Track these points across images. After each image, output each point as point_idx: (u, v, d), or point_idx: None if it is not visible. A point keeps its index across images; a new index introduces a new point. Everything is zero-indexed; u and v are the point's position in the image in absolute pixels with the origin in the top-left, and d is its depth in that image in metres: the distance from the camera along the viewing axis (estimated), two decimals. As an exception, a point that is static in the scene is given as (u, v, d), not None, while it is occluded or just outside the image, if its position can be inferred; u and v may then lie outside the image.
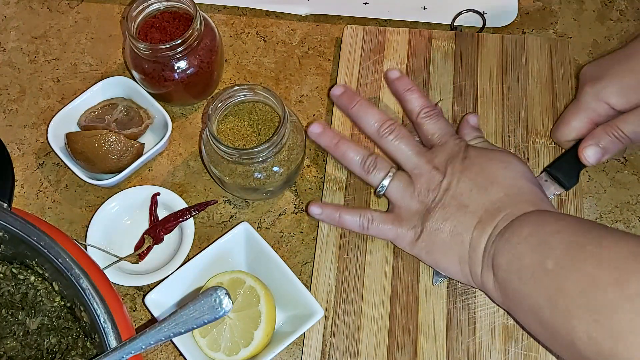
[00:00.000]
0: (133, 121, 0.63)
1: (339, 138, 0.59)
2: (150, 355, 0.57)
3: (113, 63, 0.70)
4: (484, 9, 0.70)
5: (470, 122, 0.61)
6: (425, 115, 0.59)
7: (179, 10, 0.62)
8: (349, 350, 0.55)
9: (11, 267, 0.48)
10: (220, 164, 0.56)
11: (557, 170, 0.59)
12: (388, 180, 0.57)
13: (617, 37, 0.70)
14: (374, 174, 0.57)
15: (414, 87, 0.61)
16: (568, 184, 0.59)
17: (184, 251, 0.58)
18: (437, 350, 0.55)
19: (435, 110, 0.59)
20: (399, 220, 0.56)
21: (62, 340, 0.47)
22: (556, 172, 0.59)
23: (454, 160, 0.56)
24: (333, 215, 0.58)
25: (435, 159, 0.56)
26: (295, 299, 0.54)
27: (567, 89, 0.65)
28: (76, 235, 0.61)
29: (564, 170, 0.59)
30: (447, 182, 0.55)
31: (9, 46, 0.71)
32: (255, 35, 0.71)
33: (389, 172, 0.57)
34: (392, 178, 0.57)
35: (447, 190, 0.55)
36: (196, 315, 0.41)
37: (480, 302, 0.56)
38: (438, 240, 0.54)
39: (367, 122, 0.59)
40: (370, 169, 0.57)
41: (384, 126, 0.58)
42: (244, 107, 0.58)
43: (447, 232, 0.54)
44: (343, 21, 0.72)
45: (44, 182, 0.64)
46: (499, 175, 0.54)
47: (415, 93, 0.60)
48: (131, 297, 0.59)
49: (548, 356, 0.54)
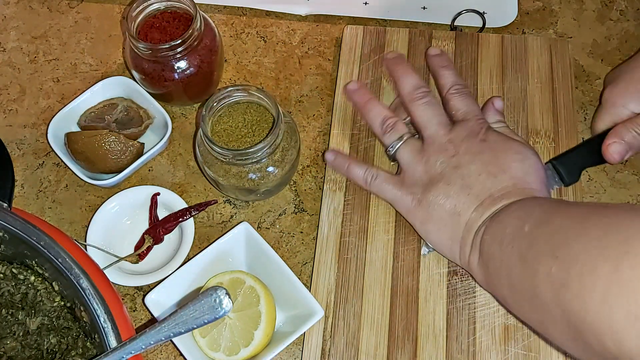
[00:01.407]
0: (133, 121, 0.63)
1: (370, 97, 0.62)
2: (150, 355, 0.57)
3: (113, 63, 0.70)
4: (484, 9, 0.70)
5: (495, 106, 0.61)
6: (455, 91, 0.60)
7: (179, 10, 0.62)
8: (349, 350, 0.55)
9: (11, 267, 0.48)
10: (215, 165, 0.56)
11: (560, 164, 0.59)
12: (400, 142, 0.58)
13: (617, 37, 0.70)
14: (390, 135, 0.59)
15: (450, 65, 0.62)
16: (568, 180, 0.59)
17: (184, 251, 0.58)
18: (437, 350, 0.55)
19: (465, 89, 0.60)
20: (401, 183, 0.57)
21: (62, 340, 0.47)
22: (559, 165, 0.59)
23: (471, 139, 0.56)
24: (343, 164, 0.60)
25: (453, 133, 0.57)
26: (295, 299, 0.54)
27: (567, 89, 0.65)
28: (76, 235, 0.61)
29: (567, 165, 0.59)
30: (457, 160, 0.55)
31: (9, 46, 0.71)
32: (255, 35, 0.71)
33: (404, 135, 0.58)
34: (405, 140, 0.58)
35: (455, 168, 0.55)
36: (196, 315, 0.41)
37: (480, 302, 0.56)
38: (435, 214, 0.55)
39: (405, 82, 0.60)
40: (388, 129, 0.59)
41: (419, 90, 0.59)
42: (238, 108, 0.58)
43: (447, 209, 0.54)
44: (343, 21, 0.72)
45: (44, 182, 0.64)
46: (512, 166, 0.54)
47: (450, 70, 0.62)
48: (131, 297, 0.59)
49: (548, 356, 0.54)
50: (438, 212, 0.54)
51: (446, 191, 0.54)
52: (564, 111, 0.64)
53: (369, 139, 0.63)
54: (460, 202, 0.54)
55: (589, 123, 0.65)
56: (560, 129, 0.63)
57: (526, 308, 0.48)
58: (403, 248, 0.58)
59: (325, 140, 0.65)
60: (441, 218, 0.54)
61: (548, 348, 0.54)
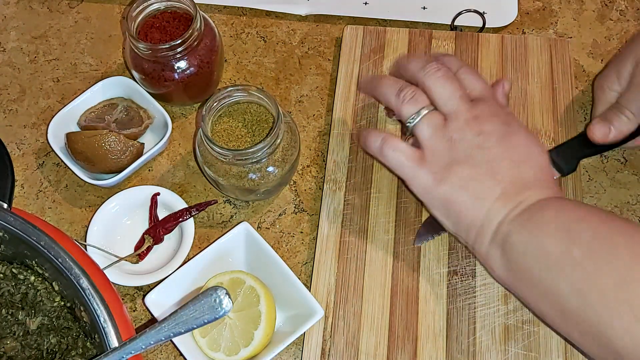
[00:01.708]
0: (133, 121, 0.63)
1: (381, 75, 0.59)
2: (150, 355, 0.57)
3: (113, 63, 0.70)
4: (484, 9, 0.70)
5: (505, 88, 0.58)
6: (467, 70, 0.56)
7: (179, 10, 0.62)
8: (349, 350, 0.55)
9: (11, 267, 0.48)
10: (215, 165, 0.56)
11: (556, 154, 0.59)
12: (421, 116, 0.53)
13: (617, 37, 0.70)
14: (408, 106, 0.54)
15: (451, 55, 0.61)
16: (566, 170, 0.59)
17: (184, 251, 0.58)
18: (437, 350, 0.55)
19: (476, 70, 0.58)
20: (420, 160, 0.53)
21: (62, 340, 0.47)
22: (556, 155, 0.59)
23: (494, 120, 0.53)
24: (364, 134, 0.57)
25: (477, 109, 0.53)
26: (295, 299, 0.54)
27: (567, 89, 0.65)
28: (76, 235, 0.61)
29: (564, 155, 0.59)
30: (482, 139, 0.52)
31: (9, 46, 0.71)
32: (255, 35, 0.71)
33: (424, 107, 0.54)
34: (426, 114, 0.53)
35: (481, 149, 0.52)
36: (196, 315, 0.41)
37: (480, 302, 0.56)
38: (457, 198, 0.52)
39: (412, 64, 0.56)
40: (407, 98, 0.54)
41: (431, 65, 0.55)
42: (238, 108, 0.58)
43: (470, 193, 0.51)
44: (343, 21, 0.72)
45: (44, 182, 0.64)
46: (534, 157, 0.53)
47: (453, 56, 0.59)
48: (131, 297, 0.59)
49: (548, 356, 0.54)
50: (460, 196, 0.51)
51: (472, 174, 0.51)
52: (564, 111, 0.64)
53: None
54: (485, 187, 0.51)
55: (589, 123, 0.65)
56: (560, 129, 0.63)
57: (557, 320, 0.48)
58: (403, 248, 0.58)
59: (325, 140, 0.65)
60: (463, 202, 0.51)
61: (548, 348, 0.54)
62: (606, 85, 0.60)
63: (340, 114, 0.64)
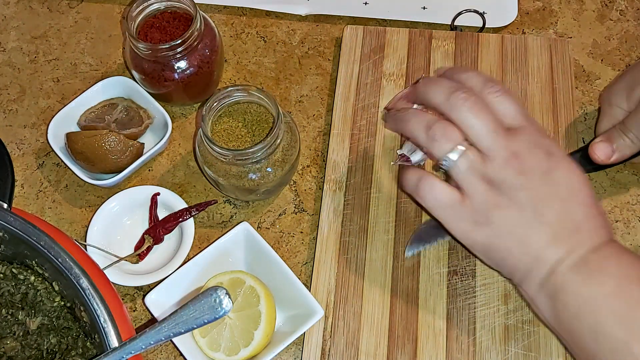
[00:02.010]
0: (133, 121, 0.63)
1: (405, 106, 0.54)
2: (150, 355, 0.57)
3: (113, 63, 0.70)
4: (484, 9, 0.70)
5: None
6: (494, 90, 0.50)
7: (179, 10, 0.62)
8: (349, 350, 0.55)
9: (11, 267, 0.48)
10: (215, 165, 0.56)
11: None
12: (457, 154, 0.48)
13: (617, 37, 0.70)
14: (440, 143, 0.49)
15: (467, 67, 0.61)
16: None
17: (184, 251, 0.58)
18: (437, 350, 0.55)
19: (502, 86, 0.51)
20: (460, 202, 0.49)
21: (62, 340, 0.47)
22: None
23: (535, 153, 0.48)
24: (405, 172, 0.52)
25: (515, 143, 0.48)
26: (295, 299, 0.54)
27: (567, 89, 0.65)
28: (76, 235, 0.61)
29: None
30: (524, 180, 0.47)
31: (9, 46, 0.71)
32: (255, 35, 0.71)
33: (459, 145, 0.48)
34: (463, 152, 0.48)
35: (524, 190, 0.48)
36: (196, 315, 0.41)
37: (481, 302, 0.56)
38: (501, 244, 0.48)
39: (435, 92, 0.50)
40: (437, 136, 0.48)
41: (458, 91, 0.49)
42: (238, 108, 0.58)
43: (516, 238, 0.48)
44: (343, 21, 0.72)
45: (44, 182, 0.64)
46: (580, 191, 0.48)
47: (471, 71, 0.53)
48: (131, 297, 0.59)
49: (548, 356, 0.54)
50: (504, 241, 0.48)
51: (518, 218, 0.47)
52: (564, 111, 0.64)
53: (369, 139, 0.63)
54: (533, 231, 0.47)
55: (589, 123, 0.65)
56: (560, 129, 0.63)
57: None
58: (403, 248, 0.58)
59: (325, 140, 0.65)
60: (507, 248, 0.48)
61: (548, 348, 0.54)
62: (614, 101, 0.58)
63: (340, 114, 0.64)
